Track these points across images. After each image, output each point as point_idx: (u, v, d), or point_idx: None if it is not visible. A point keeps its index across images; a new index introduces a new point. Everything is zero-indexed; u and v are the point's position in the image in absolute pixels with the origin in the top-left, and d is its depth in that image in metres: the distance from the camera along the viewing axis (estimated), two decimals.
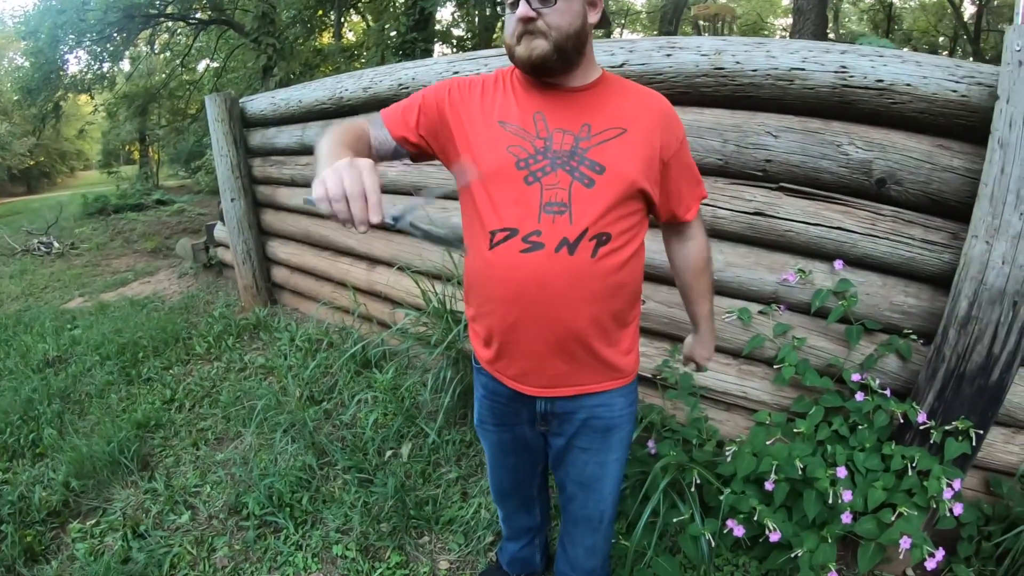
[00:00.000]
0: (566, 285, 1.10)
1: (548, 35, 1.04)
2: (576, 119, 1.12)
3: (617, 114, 1.14)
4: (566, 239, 1.08)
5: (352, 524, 2.05)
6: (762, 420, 1.88)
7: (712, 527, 1.67)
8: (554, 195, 1.09)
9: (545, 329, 1.14)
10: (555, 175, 1.09)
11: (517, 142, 1.11)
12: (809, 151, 1.79)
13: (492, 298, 1.17)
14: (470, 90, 1.19)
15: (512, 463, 1.45)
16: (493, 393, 1.32)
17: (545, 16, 1.04)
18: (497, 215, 1.11)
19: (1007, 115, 1.46)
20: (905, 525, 1.55)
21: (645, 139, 1.13)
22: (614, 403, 1.26)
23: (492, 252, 1.13)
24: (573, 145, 1.10)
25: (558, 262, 1.09)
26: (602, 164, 1.09)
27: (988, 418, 1.66)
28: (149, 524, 2.11)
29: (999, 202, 1.50)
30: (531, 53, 1.05)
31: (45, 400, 2.99)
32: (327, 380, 2.99)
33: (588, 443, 1.29)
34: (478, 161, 1.13)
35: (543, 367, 1.19)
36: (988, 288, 1.54)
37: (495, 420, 1.36)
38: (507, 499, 1.58)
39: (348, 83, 3.10)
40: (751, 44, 1.84)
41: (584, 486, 1.36)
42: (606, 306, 1.15)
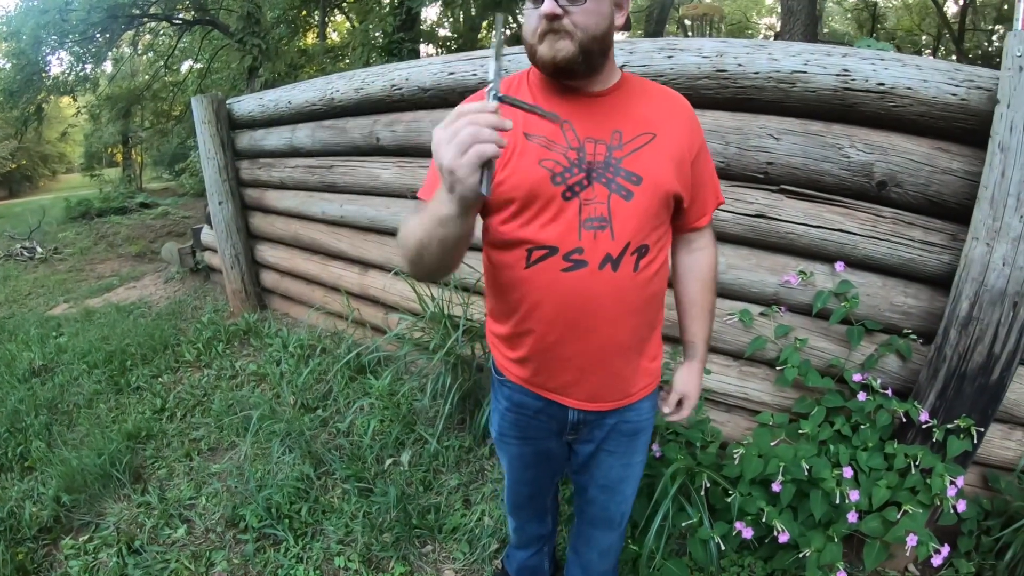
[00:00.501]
0: (610, 302, 1.07)
1: (574, 35, 0.97)
2: (605, 126, 1.06)
3: (645, 118, 1.09)
4: (609, 255, 1.04)
5: (354, 535, 2.02)
6: (765, 422, 1.88)
7: (722, 530, 1.67)
8: (593, 210, 1.03)
9: (588, 346, 1.11)
10: (592, 188, 1.03)
11: (549, 155, 1.04)
12: (811, 153, 1.79)
13: (530, 318, 1.12)
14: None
15: (532, 476, 1.42)
16: (519, 406, 1.27)
17: (572, 15, 0.96)
18: (533, 232, 1.05)
19: (1007, 119, 1.48)
20: (910, 523, 1.56)
21: (674, 142, 1.09)
22: (642, 407, 1.26)
23: (530, 271, 1.07)
24: (606, 155, 1.05)
25: (602, 280, 1.05)
26: (638, 174, 1.05)
27: (988, 416, 1.68)
28: (144, 539, 2.06)
29: (1000, 205, 1.51)
30: (556, 54, 0.98)
31: (32, 411, 2.92)
32: (321, 387, 2.95)
33: (616, 447, 1.28)
34: (508, 178, 1.05)
35: (584, 381, 1.16)
36: (989, 289, 1.56)
37: (518, 434, 1.31)
38: (522, 510, 1.56)
39: (339, 84, 3.06)
40: (752, 46, 1.84)
41: (607, 488, 1.35)
42: (644, 317, 1.14)
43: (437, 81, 2.52)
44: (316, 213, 3.42)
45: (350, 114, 3.07)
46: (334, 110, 3.13)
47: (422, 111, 2.70)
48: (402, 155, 2.87)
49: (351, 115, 3.07)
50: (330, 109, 3.14)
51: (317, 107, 3.21)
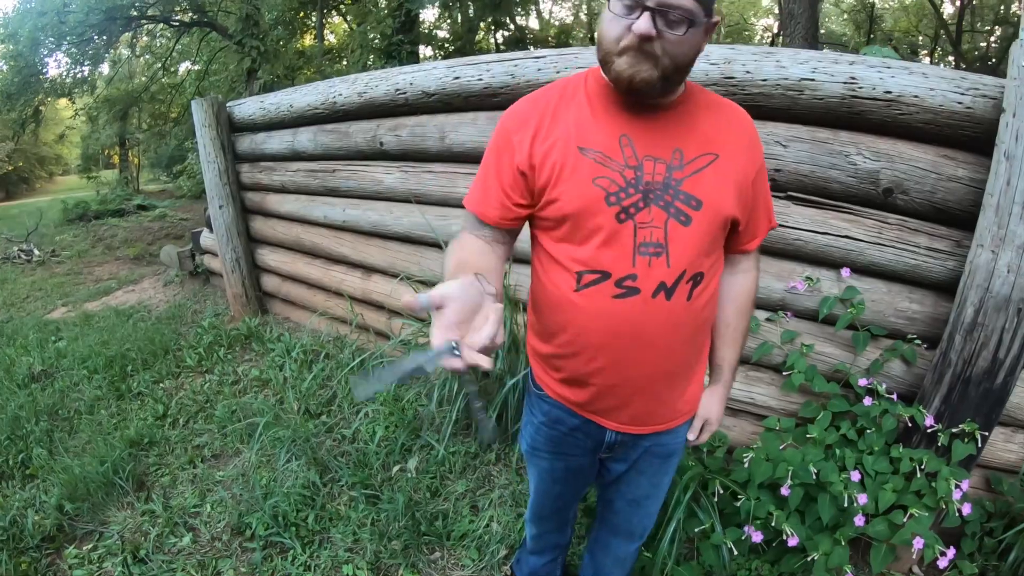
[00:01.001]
0: (662, 331, 1.03)
1: (659, 61, 0.90)
2: (667, 143, 0.99)
3: (708, 136, 1.02)
4: (663, 284, 0.99)
5: (362, 542, 2.01)
6: (771, 426, 1.90)
7: (734, 535, 1.68)
8: (649, 234, 0.98)
9: (636, 373, 1.07)
10: (649, 211, 0.97)
11: (604, 172, 0.97)
12: (818, 161, 1.80)
13: (578, 340, 1.08)
14: (541, 117, 1.03)
15: (560, 490, 1.39)
16: (556, 422, 1.23)
17: (665, 39, 0.88)
18: (585, 255, 1.01)
19: (1013, 129, 1.49)
20: (916, 526, 1.57)
21: (737, 164, 1.03)
22: (679, 431, 1.24)
23: (579, 295, 1.03)
24: (666, 176, 0.98)
25: (655, 308, 1.00)
26: (699, 198, 0.99)
27: (992, 420, 1.69)
28: (149, 548, 2.05)
29: (1004, 213, 1.52)
30: (634, 76, 0.91)
31: (33, 418, 2.90)
32: (325, 392, 2.94)
33: (648, 467, 1.27)
34: (560, 196, 1.00)
35: (627, 406, 1.13)
36: (994, 296, 1.57)
37: (552, 448, 1.27)
38: (545, 521, 1.53)
39: (341, 88, 3.05)
40: (760, 53, 1.85)
41: (635, 503, 1.35)
42: (695, 344, 1.10)
43: (442, 85, 2.52)
44: (318, 217, 3.42)
45: (352, 118, 3.07)
46: (336, 114, 3.12)
47: (426, 115, 2.70)
48: (405, 159, 2.87)
49: (354, 119, 3.06)
50: (332, 113, 3.14)
51: (319, 111, 3.20)
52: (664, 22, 0.87)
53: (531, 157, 1.02)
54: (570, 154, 0.99)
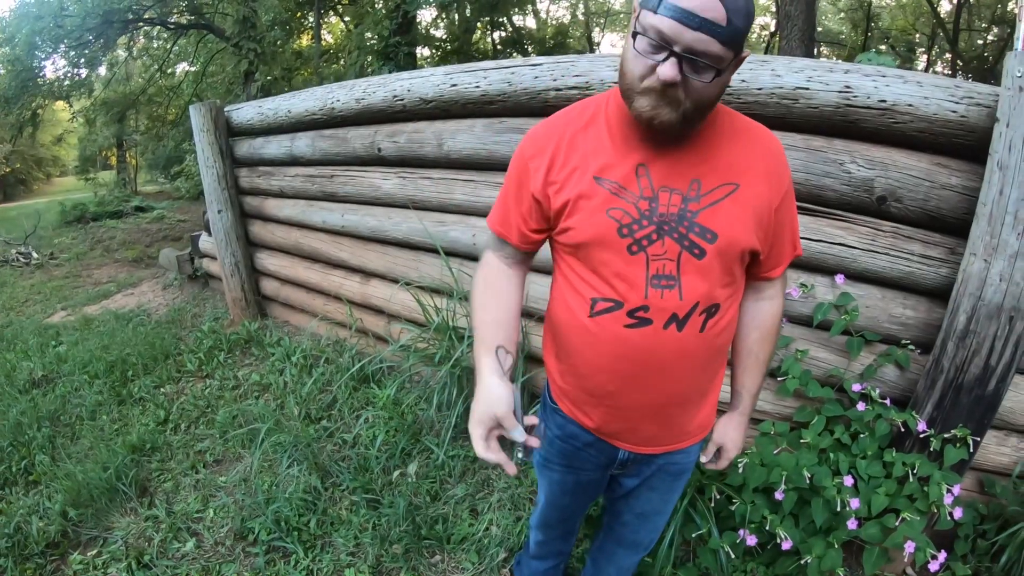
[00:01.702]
0: (673, 361, 1.03)
1: (681, 105, 0.87)
2: (685, 174, 0.98)
3: (730, 164, 0.99)
4: (675, 315, 0.99)
5: (363, 547, 2.04)
6: (766, 431, 1.92)
7: (730, 539, 1.71)
8: (662, 267, 0.98)
9: (647, 399, 1.09)
10: (662, 243, 0.97)
11: (618, 203, 0.97)
12: (812, 169, 1.82)
13: (589, 364, 1.09)
14: (558, 143, 1.04)
15: (569, 502, 1.40)
16: (570, 437, 1.24)
17: (690, 86, 0.85)
18: (598, 285, 1.02)
19: (1007, 139, 1.51)
20: (908, 529, 1.60)
21: (759, 192, 1.00)
22: (692, 451, 1.25)
23: (592, 321, 1.04)
24: (681, 207, 0.97)
25: (666, 339, 1.01)
26: (714, 231, 0.97)
27: (984, 425, 1.71)
28: (153, 553, 2.07)
29: (997, 222, 1.54)
30: (654, 118, 0.89)
31: (35, 423, 2.91)
32: (325, 397, 2.96)
33: (660, 483, 1.29)
34: (574, 226, 1.01)
35: (638, 429, 1.15)
36: (986, 304, 1.59)
37: (563, 462, 1.29)
38: (551, 529, 1.54)
39: (339, 94, 3.07)
40: (755, 62, 1.87)
41: (643, 517, 1.36)
42: (709, 370, 1.10)
43: (439, 92, 2.54)
44: (317, 222, 3.43)
45: (351, 124, 3.08)
46: (334, 120, 3.14)
47: (424, 122, 2.72)
48: (403, 166, 2.89)
49: (352, 125, 3.08)
50: (330, 119, 3.15)
51: (317, 116, 3.22)
52: (691, 68, 0.84)
53: (546, 186, 1.04)
54: (585, 183, 0.99)
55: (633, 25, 0.88)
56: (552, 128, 1.06)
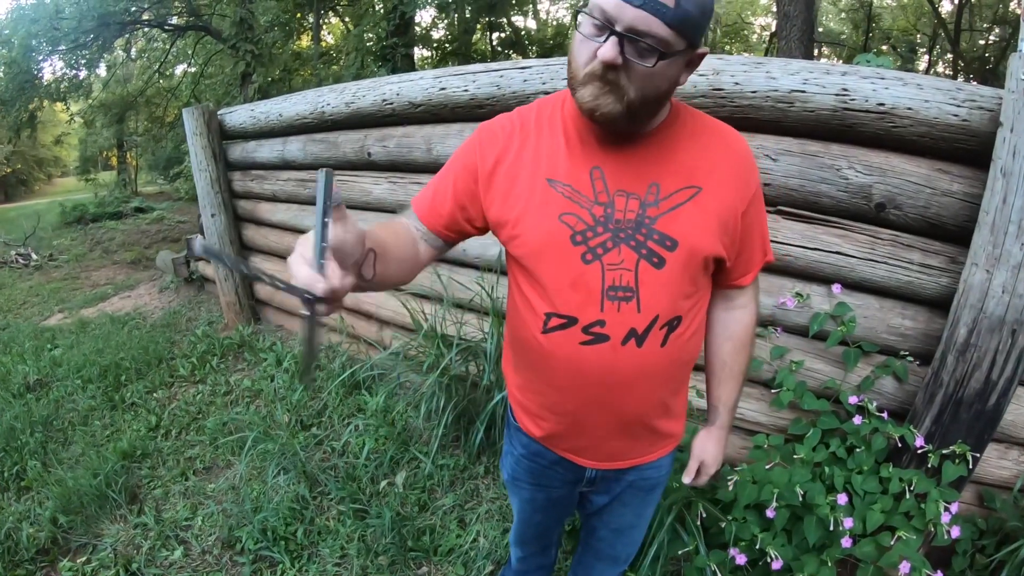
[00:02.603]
0: (633, 378, 0.97)
1: (624, 94, 0.82)
2: (642, 177, 0.92)
3: (690, 167, 0.93)
4: (634, 330, 0.93)
5: (349, 558, 2.01)
6: (760, 444, 1.87)
7: (718, 557, 1.67)
8: (618, 277, 0.91)
9: (607, 416, 1.03)
10: (618, 252, 0.91)
11: (571, 208, 0.91)
12: (808, 175, 1.78)
13: (545, 381, 1.05)
14: (508, 138, 0.98)
15: (542, 518, 1.36)
16: (536, 455, 1.19)
17: (632, 70, 0.80)
18: (550, 297, 0.95)
19: (1011, 144, 1.45)
20: (904, 548, 1.55)
21: (722, 196, 0.94)
22: (662, 465, 1.19)
23: (546, 337, 0.98)
24: (639, 213, 0.91)
25: (625, 356, 0.94)
26: (674, 238, 0.91)
27: (984, 441, 1.67)
28: (141, 561, 2.05)
29: (1000, 231, 1.49)
30: (596, 108, 0.83)
31: (28, 428, 2.90)
32: (315, 404, 2.93)
33: (632, 499, 1.23)
34: (524, 232, 0.94)
35: (601, 446, 1.10)
36: (988, 316, 1.54)
37: (532, 480, 1.24)
38: (527, 544, 1.51)
39: (330, 97, 3.04)
40: (750, 64, 1.82)
41: (618, 532, 1.32)
42: (671, 384, 1.05)
43: (428, 96, 2.50)
44: (309, 227, 3.39)
45: (341, 128, 3.06)
46: (325, 123, 3.11)
47: (413, 126, 2.68)
48: (394, 170, 2.85)
49: (342, 129, 3.05)
50: (321, 122, 3.12)
51: (308, 120, 3.19)
52: (633, 50, 0.78)
53: (492, 180, 0.97)
54: (537, 186, 0.93)
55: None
56: (508, 121, 1.00)
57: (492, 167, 0.97)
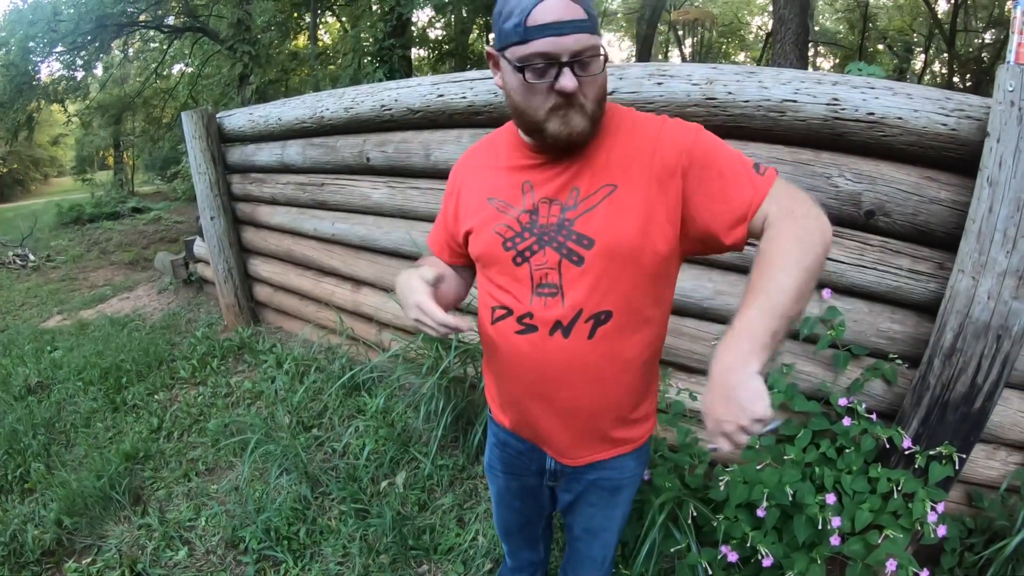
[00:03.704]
0: (563, 368, 1.04)
1: (586, 108, 0.91)
2: (565, 184, 1.00)
3: (606, 166, 0.98)
4: (559, 322, 1.01)
5: (351, 557, 2.05)
6: (752, 445, 1.91)
7: (709, 556, 1.71)
8: (544, 275, 1.01)
9: (548, 407, 1.12)
10: (543, 254, 1.00)
11: (502, 219, 1.04)
12: (799, 183, 1.80)
13: (498, 370, 1.17)
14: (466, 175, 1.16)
15: (518, 507, 1.44)
16: (504, 444, 1.31)
17: (584, 86, 0.89)
18: (494, 292, 1.09)
19: (997, 154, 1.48)
20: (891, 546, 1.59)
21: (641, 187, 0.96)
22: (624, 466, 1.22)
23: (493, 327, 1.11)
24: (560, 217, 0.99)
25: (552, 346, 1.03)
26: (590, 236, 0.97)
27: (970, 442, 1.71)
28: (147, 562, 2.09)
29: (986, 239, 1.53)
30: (572, 131, 0.91)
31: (30, 431, 2.92)
32: (316, 405, 2.97)
33: (596, 500, 1.28)
34: (472, 243, 1.11)
35: (550, 439, 1.18)
36: (973, 322, 1.58)
37: (505, 468, 1.35)
38: (512, 537, 1.58)
39: (329, 102, 3.07)
40: (743, 73, 1.85)
41: (590, 532, 1.37)
42: (616, 383, 1.08)
43: (426, 103, 2.54)
44: (308, 230, 3.44)
45: (340, 132, 3.08)
46: (324, 128, 3.14)
47: (411, 131, 2.72)
48: (392, 175, 2.89)
49: (341, 133, 3.08)
50: (320, 127, 3.15)
51: (307, 124, 3.22)
52: (581, 69, 0.88)
53: (457, 209, 1.16)
54: (482, 204, 1.08)
55: (502, 70, 0.94)
56: (469, 156, 1.19)
57: (456, 197, 1.16)
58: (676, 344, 2.12)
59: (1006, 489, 1.82)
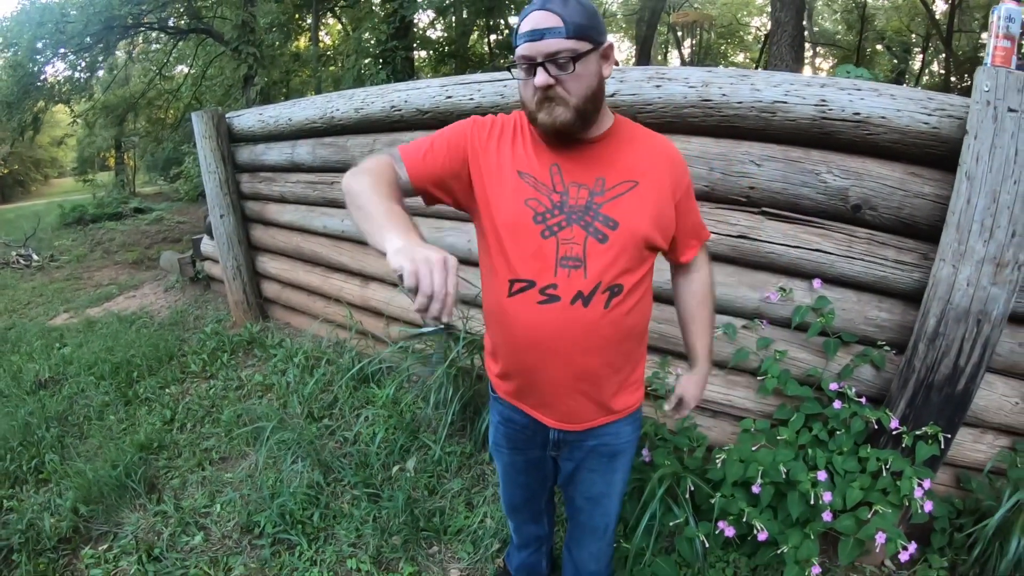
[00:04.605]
0: (581, 335, 1.17)
1: (568, 101, 1.06)
2: (591, 172, 1.16)
3: (630, 166, 1.17)
4: (581, 292, 1.14)
5: (364, 538, 2.14)
6: (747, 427, 2.02)
7: (706, 529, 1.80)
8: (569, 250, 1.13)
9: (561, 373, 1.22)
10: (570, 230, 1.14)
11: (534, 195, 1.15)
12: (790, 179, 1.91)
13: (510, 342, 1.25)
14: (489, 134, 1.22)
15: (523, 481, 1.55)
16: (509, 420, 1.41)
17: (563, 82, 1.05)
18: (515, 266, 1.17)
19: (974, 150, 1.58)
20: (880, 521, 1.68)
21: (656, 190, 1.18)
22: (621, 432, 1.36)
23: (510, 300, 1.19)
24: (588, 200, 1.14)
25: (573, 314, 1.15)
26: (615, 220, 1.14)
27: (955, 423, 1.80)
28: (163, 546, 2.16)
29: (965, 230, 1.62)
30: (555, 120, 1.08)
31: (43, 424, 2.99)
32: (326, 396, 3.05)
33: (596, 466, 1.40)
34: (496, 211, 1.17)
35: (557, 404, 1.28)
36: (954, 308, 1.68)
37: (509, 445, 1.45)
38: (518, 512, 1.68)
39: (339, 103, 3.15)
40: (736, 76, 1.95)
41: (592, 500, 1.47)
42: (618, 349, 1.23)
43: (435, 104, 2.63)
44: (317, 227, 3.52)
45: (350, 132, 3.17)
46: (334, 128, 3.22)
47: (421, 132, 2.80)
48: None
49: (351, 133, 3.16)
50: (330, 127, 3.24)
51: (317, 125, 3.30)
52: (556, 68, 1.05)
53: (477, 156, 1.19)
54: (511, 175, 1.18)
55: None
56: (492, 121, 1.25)
57: (480, 151, 1.20)
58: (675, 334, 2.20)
59: (993, 471, 1.90)
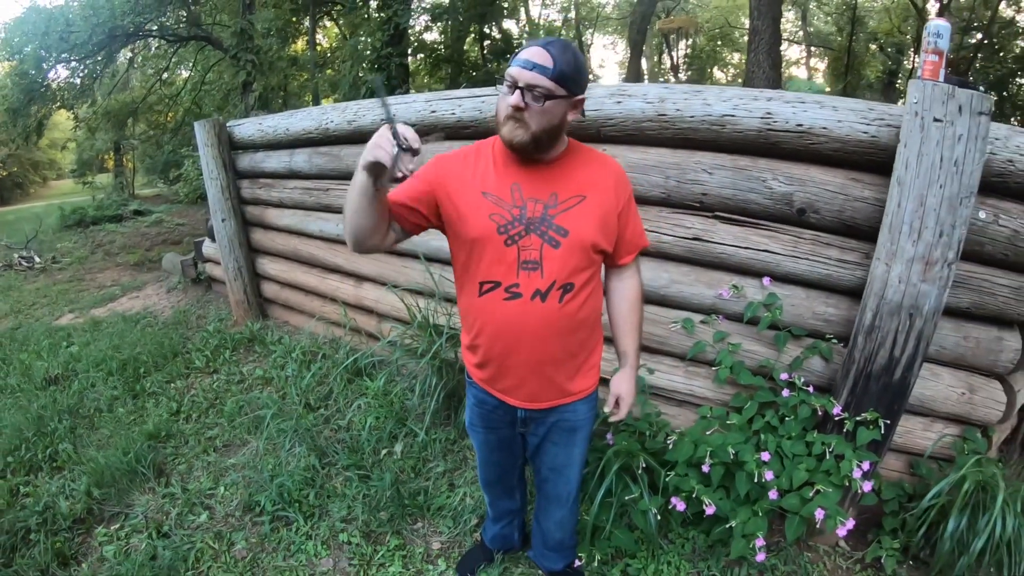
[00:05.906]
0: (540, 325, 1.39)
1: (529, 127, 1.26)
2: (546, 189, 1.37)
3: (579, 182, 1.38)
4: (539, 290, 1.36)
5: (355, 514, 2.33)
6: (704, 414, 2.19)
7: (657, 503, 1.98)
8: (529, 254, 1.35)
9: (525, 357, 1.44)
10: (529, 238, 1.35)
11: (498, 210, 1.35)
12: (739, 185, 2.09)
13: (483, 333, 1.47)
14: (460, 164, 1.42)
15: (497, 458, 1.76)
16: (482, 403, 1.62)
17: (532, 111, 1.24)
18: (484, 270, 1.39)
19: (904, 157, 1.73)
20: (823, 500, 1.84)
21: (601, 203, 1.39)
22: (578, 410, 1.58)
23: (481, 299, 1.42)
24: (543, 212, 1.35)
25: (533, 308, 1.37)
26: (567, 228, 1.35)
27: (895, 410, 1.94)
28: (171, 524, 2.34)
29: (896, 231, 1.77)
30: (513, 138, 1.28)
31: (55, 416, 3.16)
32: (323, 388, 3.24)
33: (558, 439, 1.62)
34: (467, 226, 1.37)
35: (524, 385, 1.50)
36: (887, 303, 1.83)
37: (483, 424, 1.66)
38: (493, 487, 1.89)
39: (333, 115, 3.34)
40: (690, 92, 2.13)
41: (555, 470, 1.68)
42: (572, 338, 1.45)
43: (421, 118, 2.80)
44: (314, 231, 3.70)
45: (344, 142, 3.35)
46: (329, 138, 3.41)
47: None
48: None
49: (345, 143, 3.35)
50: (325, 137, 3.42)
51: (313, 135, 3.49)
52: (531, 96, 1.23)
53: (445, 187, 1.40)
54: (476, 196, 1.38)
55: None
56: (458, 153, 1.46)
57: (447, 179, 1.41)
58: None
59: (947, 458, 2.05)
